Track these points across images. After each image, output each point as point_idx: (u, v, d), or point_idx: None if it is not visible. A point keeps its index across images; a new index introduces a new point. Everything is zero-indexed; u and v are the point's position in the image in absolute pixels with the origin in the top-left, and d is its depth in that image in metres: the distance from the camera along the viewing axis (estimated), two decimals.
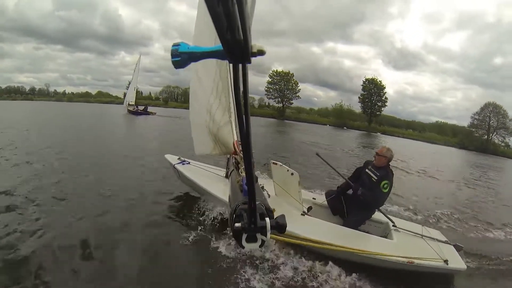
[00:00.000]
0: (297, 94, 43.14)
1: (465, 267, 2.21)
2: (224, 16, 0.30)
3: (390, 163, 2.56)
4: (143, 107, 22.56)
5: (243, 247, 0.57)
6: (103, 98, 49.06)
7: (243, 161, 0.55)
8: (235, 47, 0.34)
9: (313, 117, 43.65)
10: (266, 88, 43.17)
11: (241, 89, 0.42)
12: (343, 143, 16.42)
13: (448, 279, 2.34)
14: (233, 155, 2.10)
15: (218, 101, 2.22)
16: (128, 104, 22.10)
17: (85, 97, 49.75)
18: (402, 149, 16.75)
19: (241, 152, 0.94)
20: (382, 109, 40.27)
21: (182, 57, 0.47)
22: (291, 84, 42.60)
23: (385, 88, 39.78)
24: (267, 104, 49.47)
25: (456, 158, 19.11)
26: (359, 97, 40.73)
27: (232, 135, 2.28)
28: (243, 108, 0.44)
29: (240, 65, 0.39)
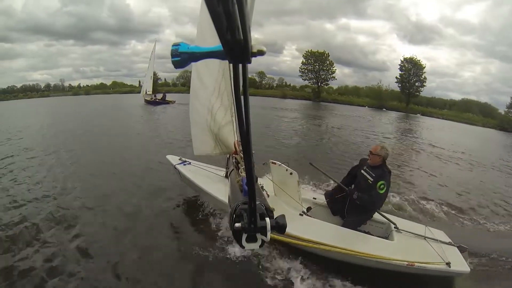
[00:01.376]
0: (333, 75, 41.47)
1: (469, 270, 2.14)
2: (224, 16, 0.30)
3: (386, 161, 2.47)
4: (161, 95, 20.90)
5: (243, 247, 0.57)
6: (121, 88, 48.48)
7: (243, 161, 0.55)
8: (235, 47, 0.34)
9: (349, 99, 41.87)
10: (300, 69, 41.85)
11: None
12: (404, 130, 14.87)
13: (450, 282, 2.31)
14: (234, 155, 2.10)
15: (220, 101, 2.21)
16: (146, 93, 20.60)
17: (102, 89, 49.09)
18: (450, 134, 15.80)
19: (241, 151, 0.94)
20: (421, 89, 37.81)
21: (182, 57, 0.47)
22: (326, 64, 41.11)
23: (424, 67, 37.06)
24: (286, 84, 48.62)
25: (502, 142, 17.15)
26: (396, 77, 38.97)
27: (233, 135, 2.28)
28: (244, 107, 0.44)
29: (240, 65, 0.39)
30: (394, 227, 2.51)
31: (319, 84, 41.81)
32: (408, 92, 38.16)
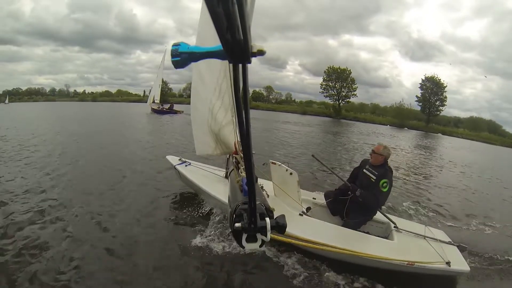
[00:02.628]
0: (354, 93, 41.34)
1: (469, 269, 2.16)
2: (224, 16, 0.30)
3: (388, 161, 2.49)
4: (168, 105, 20.68)
5: (243, 247, 0.57)
6: (130, 97, 48.98)
7: (244, 161, 0.55)
8: (235, 47, 0.34)
9: (370, 117, 41.82)
10: (322, 85, 41.89)
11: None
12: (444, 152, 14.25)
13: (450, 281, 2.31)
14: (234, 155, 2.09)
15: (220, 101, 2.21)
16: (153, 102, 20.16)
17: (110, 97, 49.39)
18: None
19: (242, 151, 0.94)
20: (441, 108, 38.26)
21: (182, 57, 0.47)
22: (347, 82, 40.99)
23: (446, 86, 37.40)
24: (291, 99, 49.89)
25: None
26: (417, 96, 39.18)
27: (234, 135, 2.28)
28: (244, 108, 0.44)
29: (240, 65, 0.39)
30: (394, 227, 2.52)
31: (340, 101, 41.52)
32: (429, 111, 38.25)
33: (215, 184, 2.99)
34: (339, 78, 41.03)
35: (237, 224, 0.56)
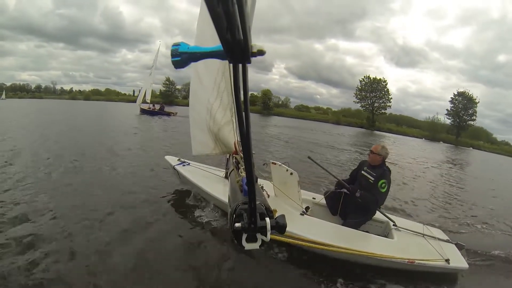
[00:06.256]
0: (389, 104, 41.20)
1: (467, 266, 2.19)
2: (224, 16, 0.30)
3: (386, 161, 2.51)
4: (159, 106, 19.61)
5: (243, 247, 0.57)
6: (126, 96, 48.81)
7: (243, 161, 0.55)
8: (235, 47, 0.34)
9: (403, 129, 41.92)
10: (356, 95, 41.94)
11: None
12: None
13: (450, 279, 2.33)
14: (234, 155, 2.09)
15: (219, 101, 2.20)
16: (142, 102, 18.95)
17: (101, 95, 48.75)
18: None
19: (241, 151, 0.94)
20: (471, 123, 38.86)
21: (182, 57, 0.47)
22: (383, 92, 41.04)
23: (477, 103, 37.96)
24: (287, 103, 50.62)
25: None
26: (447, 110, 40.10)
27: (233, 135, 2.27)
28: (243, 108, 0.44)
29: (240, 65, 0.39)
30: (393, 225, 2.53)
31: (373, 112, 41.63)
32: (459, 126, 39.02)
33: (215, 184, 2.99)
34: (374, 89, 41.01)
35: (237, 224, 0.56)
